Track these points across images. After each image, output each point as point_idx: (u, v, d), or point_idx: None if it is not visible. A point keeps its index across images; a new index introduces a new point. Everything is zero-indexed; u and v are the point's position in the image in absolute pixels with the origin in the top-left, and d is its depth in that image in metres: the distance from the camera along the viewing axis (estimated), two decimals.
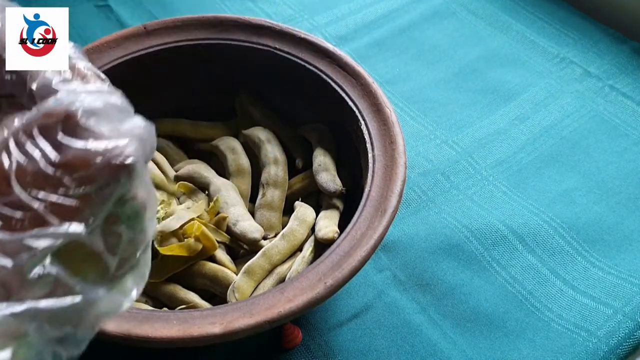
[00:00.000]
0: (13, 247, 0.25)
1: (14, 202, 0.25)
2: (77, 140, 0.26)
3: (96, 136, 0.27)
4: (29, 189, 0.25)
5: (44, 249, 0.25)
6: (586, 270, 0.52)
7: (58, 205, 0.25)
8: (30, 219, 0.25)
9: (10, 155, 0.26)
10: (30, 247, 0.25)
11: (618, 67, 0.70)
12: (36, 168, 0.25)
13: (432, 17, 0.77)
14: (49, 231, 0.25)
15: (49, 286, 0.25)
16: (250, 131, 0.54)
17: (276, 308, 0.36)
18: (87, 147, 0.26)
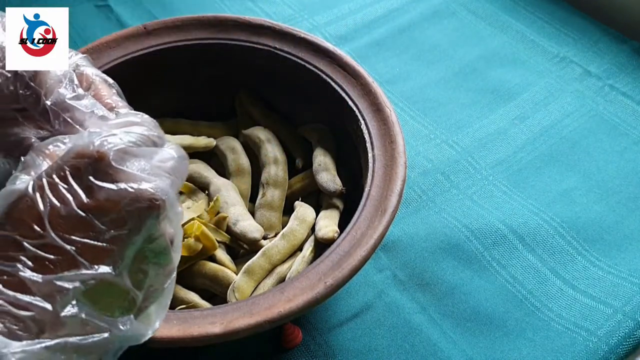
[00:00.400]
0: (46, 289, 0.26)
1: (47, 245, 0.26)
2: (108, 183, 0.27)
3: (127, 177, 0.27)
4: (62, 232, 0.26)
5: (74, 289, 0.26)
6: (586, 269, 0.52)
7: (89, 247, 0.27)
8: (62, 261, 0.26)
9: (44, 196, 0.27)
10: (63, 288, 0.26)
11: (618, 66, 0.70)
12: (68, 211, 0.26)
13: (432, 17, 0.77)
14: (79, 273, 0.26)
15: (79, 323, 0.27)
16: (250, 131, 0.54)
17: (276, 308, 0.36)
18: (118, 189, 0.27)
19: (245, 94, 0.57)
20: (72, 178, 0.27)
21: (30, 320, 0.25)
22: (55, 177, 0.27)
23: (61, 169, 0.27)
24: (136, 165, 0.28)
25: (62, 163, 0.27)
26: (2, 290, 0.25)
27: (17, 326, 0.25)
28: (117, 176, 0.27)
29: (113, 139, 0.28)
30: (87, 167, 0.27)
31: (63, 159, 0.27)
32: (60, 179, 0.27)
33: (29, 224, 0.26)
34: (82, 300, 0.27)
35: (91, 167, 0.27)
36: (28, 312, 0.25)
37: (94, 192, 0.27)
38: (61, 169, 0.27)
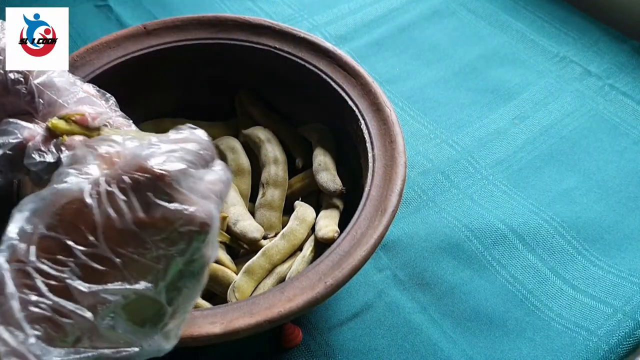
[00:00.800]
0: (91, 299, 0.26)
1: (97, 255, 0.26)
2: (165, 202, 0.27)
3: (182, 198, 0.28)
4: (113, 244, 0.26)
5: (116, 302, 0.26)
6: (586, 269, 0.52)
7: (136, 262, 0.27)
8: (108, 272, 0.26)
9: (101, 205, 0.27)
10: (106, 300, 0.26)
11: (618, 66, 0.70)
12: (123, 224, 0.27)
13: (431, 17, 0.77)
14: (124, 287, 0.27)
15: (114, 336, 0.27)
16: (250, 131, 0.54)
17: (276, 308, 0.36)
18: (174, 210, 0.27)
19: (245, 94, 0.57)
20: (132, 191, 0.27)
21: (70, 328, 0.26)
22: (115, 187, 0.27)
23: (122, 180, 0.27)
24: (190, 186, 0.28)
25: (123, 173, 0.27)
26: (48, 295, 0.26)
27: (56, 333, 0.25)
28: (174, 196, 0.28)
29: (175, 158, 0.29)
30: (147, 183, 0.27)
31: (124, 169, 0.28)
32: (121, 191, 0.27)
33: (82, 231, 0.27)
34: (120, 313, 0.27)
35: (152, 183, 0.27)
36: (69, 320, 0.26)
37: (151, 209, 0.27)
38: (122, 180, 0.27)
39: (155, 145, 0.29)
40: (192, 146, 0.30)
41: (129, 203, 0.27)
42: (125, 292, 0.27)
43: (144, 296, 0.27)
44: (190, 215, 0.28)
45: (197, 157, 0.30)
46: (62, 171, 0.29)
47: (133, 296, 0.27)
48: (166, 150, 0.29)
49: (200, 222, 0.28)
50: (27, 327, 0.25)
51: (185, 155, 0.29)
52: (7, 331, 0.25)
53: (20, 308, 0.25)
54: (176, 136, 0.31)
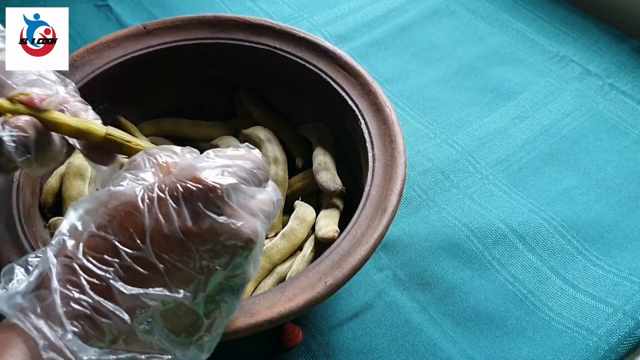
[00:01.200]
0: (131, 302, 0.26)
1: (142, 258, 0.27)
2: (214, 214, 0.28)
3: (231, 213, 0.28)
4: (158, 249, 0.27)
5: (154, 308, 0.27)
6: (586, 268, 0.52)
7: (179, 270, 0.27)
8: (151, 277, 0.27)
9: (151, 210, 0.27)
10: (145, 305, 0.27)
11: (618, 65, 0.70)
12: (171, 231, 0.27)
13: (431, 16, 0.77)
14: (164, 294, 0.27)
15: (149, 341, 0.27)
16: (250, 130, 0.54)
17: (276, 307, 0.36)
18: (222, 223, 0.28)
19: (245, 94, 0.57)
20: (183, 200, 0.28)
21: (107, 328, 0.26)
22: (167, 194, 0.28)
23: (175, 188, 0.28)
24: (240, 202, 0.29)
25: (177, 182, 0.28)
26: (90, 292, 0.26)
27: (93, 331, 0.26)
28: (223, 209, 0.28)
29: (228, 173, 0.29)
30: (199, 193, 0.28)
31: (178, 177, 0.28)
32: (172, 198, 0.28)
33: (130, 233, 0.27)
34: (157, 319, 0.27)
35: (203, 194, 0.28)
36: (107, 320, 0.26)
37: (200, 220, 0.28)
38: (175, 188, 0.28)
39: (211, 159, 0.30)
40: (246, 164, 0.31)
41: (178, 211, 0.27)
42: (164, 299, 0.27)
43: (182, 305, 0.28)
44: (237, 230, 0.28)
45: (251, 175, 0.30)
46: (120, 175, 0.30)
47: (172, 304, 0.27)
48: (221, 164, 0.30)
49: (245, 238, 0.28)
50: (66, 322, 0.25)
51: (239, 172, 0.30)
52: (47, 325, 0.25)
53: (62, 303, 0.26)
54: (233, 152, 0.31)
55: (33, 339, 0.25)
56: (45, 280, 0.26)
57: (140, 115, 0.57)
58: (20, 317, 0.26)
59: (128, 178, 0.29)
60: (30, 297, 0.26)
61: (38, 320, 0.25)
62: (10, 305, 0.26)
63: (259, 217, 0.30)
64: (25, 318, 0.26)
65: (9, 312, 0.26)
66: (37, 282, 0.27)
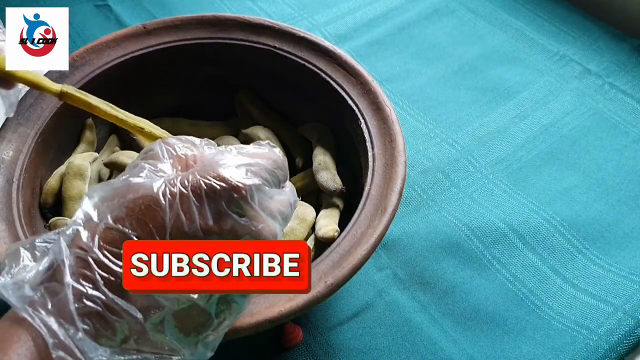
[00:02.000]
0: (145, 301, 0.26)
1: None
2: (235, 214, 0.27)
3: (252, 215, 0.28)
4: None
5: (169, 307, 0.26)
6: (586, 268, 0.52)
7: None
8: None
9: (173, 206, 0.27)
10: (160, 304, 0.26)
11: (618, 64, 0.70)
12: (191, 229, 0.27)
13: (431, 15, 0.77)
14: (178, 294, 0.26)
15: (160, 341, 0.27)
16: (250, 130, 0.54)
17: (277, 307, 0.36)
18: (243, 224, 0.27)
19: (245, 94, 0.57)
20: (207, 198, 0.27)
21: (119, 326, 0.25)
22: (190, 191, 0.27)
23: (199, 185, 0.27)
24: (262, 203, 0.29)
25: (201, 178, 0.27)
26: (103, 289, 0.25)
27: (104, 330, 0.25)
28: (245, 210, 0.28)
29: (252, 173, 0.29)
30: (223, 193, 0.27)
31: (202, 173, 0.28)
32: (195, 195, 0.27)
33: (150, 228, 0.26)
34: (169, 319, 0.27)
35: (228, 194, 0.27)
36: (119, 319, 0.25)
37: (221, 219, 0.27)
38: (199, 185, 0.27)
39: (233, 155, 0.30)
40: (269, 163, 0.30)
41: (200, 209, 0.27)
42: (180, 298, 0.27)
43: (196, 305, 0.27)
44: (257, 232, 0.28)
45: (272, 176, 0.30)
46: (137, 164, 0.29)
47: (186, 304, 0.27)
48: (244, 162, 0.29)
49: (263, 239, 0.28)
50: (78, 320, 0.25)
51: (262, 172, 0.29)
52: (57, 323, 0.25)
53: (74, 299, 0.25)
54: (255, 150, 0.31)
55: (42, 336, 0.24)
56: (57, 272, 0.26)
57: (140, 115, 0.56)
58: (30, 312, 0.25)
59: (147, 169, 0.29)
60: (41, 290, 0.25)
61: (48, 317, 0.25)
62: (18, 297, 0.25)
63: (277, 220, 0.29)
64: (35, 313, 0.25)
65: (18, 305, 0.25)
66: (48, 272, 0.26)
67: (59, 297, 0.25)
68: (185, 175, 0.28)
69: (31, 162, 0.46)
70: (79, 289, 0.25)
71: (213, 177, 0.27)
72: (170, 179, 0.28)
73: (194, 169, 0.29)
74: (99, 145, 0.55)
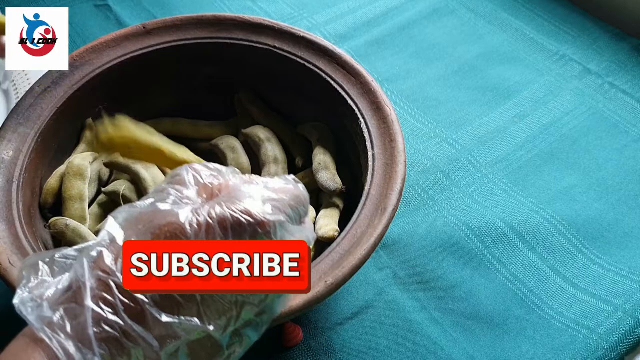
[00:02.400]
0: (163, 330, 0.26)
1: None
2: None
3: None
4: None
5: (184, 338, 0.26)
6: (586, 267, 0.52)
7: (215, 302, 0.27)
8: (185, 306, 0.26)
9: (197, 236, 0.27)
10: (177, 334, 0.26)
11: (618, 64, 0.70)
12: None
13: (431, 15, 0.77)
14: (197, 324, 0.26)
15: None
16: (250, 130, 0.54)
17: None
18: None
19: (245, 93, 0.57)
20: (232, 231, 0.27)
21: (135, 354, 0.25)
22: (216, 223, 0.27)
23: (225, 218, 0.27)
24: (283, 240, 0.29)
25: (227, 211, 0.27)
26: (123, 315, 0.25)
27: (120, 356, 0.25)
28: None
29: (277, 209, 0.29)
30: (249, 227, 0.27)
31: (228, 205, 0.28)
32: (221, 227, 0.27)
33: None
34: (183, 349, 0.27)
35: (252, 229, 0.27)
36: (136, 346, 0.25)
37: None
38: (225, 218, 0.27)
39: (259, 187, 0.30)
40: (293, 200, 0.30)
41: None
42: (197, 329, 0.27)
43: (210, 337, 0.27)
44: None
45: (295, 212, 0.30)
46: (164, 188, 0.29)
47: (201, 335, 0.27)
48: (269, 197, 0.29)
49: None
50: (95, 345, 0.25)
51: (286, 209, 0.29)
52: (75, 347, 0.24)
53: (93, 323, 0.25)
54: (281, 185, 0.31)
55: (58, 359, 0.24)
56: (78, 294, 0.25)
57: (140, 115, 0.57)
58: (48, 334, 0.25)
59: (173, 195, 0.29)
60: (60, 312, 0.25)
61: (67, 341, 0.24)
62: (37, 317, 0.25)
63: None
64: (53, 335, 0.25)
65: (37, 325, 0.25)
66: (68, 293, 0.26)
67: (79, 320, 0.25)
68: (212, 205, 0.28)
69: (31, 162, 0.46)
70: (99, 313, 0.25)
71: (239, 211, 0.28)
72: (197, 209, 0.28)
73: (219, 198, 0.29)
74: None
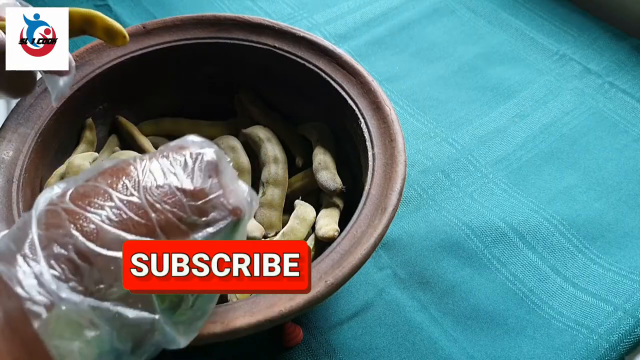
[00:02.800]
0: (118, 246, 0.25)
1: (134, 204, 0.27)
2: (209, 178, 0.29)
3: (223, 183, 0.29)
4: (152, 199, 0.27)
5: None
6: (586, 267, 0.52)
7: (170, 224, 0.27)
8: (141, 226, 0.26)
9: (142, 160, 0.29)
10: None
11: (618, 64, 0.70)
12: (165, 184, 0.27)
13: (431, 15, 0.77)
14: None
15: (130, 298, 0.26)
16: (250, 130, 0.54)
17: (277, 307, 0.36)
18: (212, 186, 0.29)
19: (245, 93, 0.57)
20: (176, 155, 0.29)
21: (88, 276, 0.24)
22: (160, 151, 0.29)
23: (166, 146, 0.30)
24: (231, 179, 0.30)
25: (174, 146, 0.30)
26: (75, 234, 0.24)
27: (73, 276, 0.24)
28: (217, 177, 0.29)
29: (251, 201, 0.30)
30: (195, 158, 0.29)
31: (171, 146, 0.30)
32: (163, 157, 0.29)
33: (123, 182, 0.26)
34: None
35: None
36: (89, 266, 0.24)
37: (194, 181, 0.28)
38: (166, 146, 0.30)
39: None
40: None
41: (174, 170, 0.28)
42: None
43: None
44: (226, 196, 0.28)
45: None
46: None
47: None
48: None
49: (234, 207, 0.28)
50: (42, 258, 0.24)
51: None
52: (22, 258, 0.24)
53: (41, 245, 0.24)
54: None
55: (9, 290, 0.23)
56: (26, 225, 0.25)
57: (140, 115, 0.57)
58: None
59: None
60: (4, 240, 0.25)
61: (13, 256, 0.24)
62: None
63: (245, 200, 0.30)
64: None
65: None
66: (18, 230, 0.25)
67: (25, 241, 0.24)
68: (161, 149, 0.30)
69: (31, 162, 0.46)
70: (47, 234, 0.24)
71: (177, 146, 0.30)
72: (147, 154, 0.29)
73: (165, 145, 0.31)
74: (99, 145, 0.55)
